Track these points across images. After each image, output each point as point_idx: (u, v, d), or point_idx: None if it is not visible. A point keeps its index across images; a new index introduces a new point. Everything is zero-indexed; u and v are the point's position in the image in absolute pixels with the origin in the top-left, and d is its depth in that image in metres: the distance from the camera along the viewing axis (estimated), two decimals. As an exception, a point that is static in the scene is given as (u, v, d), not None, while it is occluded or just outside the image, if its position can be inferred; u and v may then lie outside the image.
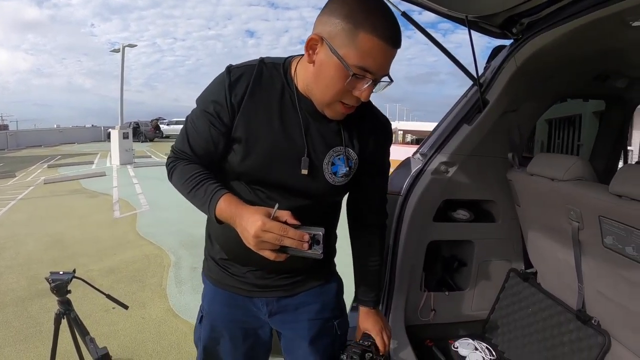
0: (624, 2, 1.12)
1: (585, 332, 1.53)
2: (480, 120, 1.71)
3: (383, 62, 0.84)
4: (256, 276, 1.06)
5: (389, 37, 0.82)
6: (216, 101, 0.93)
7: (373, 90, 0.88)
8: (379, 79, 0.87)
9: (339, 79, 0.84)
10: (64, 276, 1.77)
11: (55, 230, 5.51)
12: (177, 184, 1.00)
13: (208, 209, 0.91)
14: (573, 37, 1.38)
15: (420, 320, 1.93)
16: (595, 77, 1.92)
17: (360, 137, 1.00)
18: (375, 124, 1.04)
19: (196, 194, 0.93)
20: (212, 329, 1.11)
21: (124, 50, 15.71)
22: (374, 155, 1.04)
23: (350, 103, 0.89)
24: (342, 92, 0.87)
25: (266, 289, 1.07)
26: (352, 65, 0.82)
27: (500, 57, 1.69)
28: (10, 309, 3.16)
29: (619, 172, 1.28)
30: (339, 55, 0.82)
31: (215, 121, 0.94)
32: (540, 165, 1.63)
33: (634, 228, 1.22)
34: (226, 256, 1.07)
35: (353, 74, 0.83)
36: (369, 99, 0.89)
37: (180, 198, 1.02)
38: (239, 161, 0.94)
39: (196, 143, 0.98)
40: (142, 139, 26.34)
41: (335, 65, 0.84)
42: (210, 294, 1.13)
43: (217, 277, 1.10)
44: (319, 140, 0.96)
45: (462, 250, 2.03)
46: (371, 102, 1.01)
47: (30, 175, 11.46)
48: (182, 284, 3.67)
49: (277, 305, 1.09)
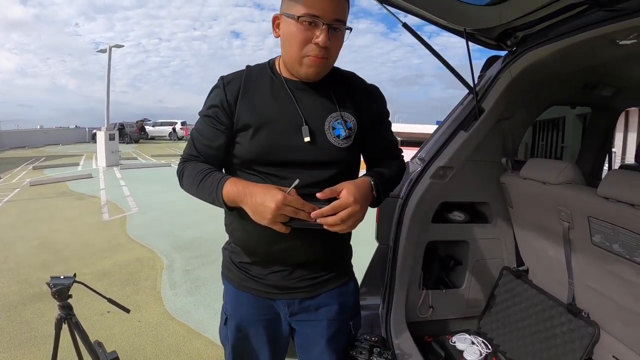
0: (613, 25, 1.22)
1: (576, 324, 1.64)
2: (476, 127, 1.81)
3: (325, 6, 0.93)
4: (279, 277, 1.10)
5: None
6: (214, 105, 1.05)
7: (330, 37, 0.95)
8: (331, 22, 0.95)
9: (296, 33, 0.95)
10: (65, 280, 1.75)
11: (44, 233, 5.42)
12: (186, 183, 1.08)
13: (215, 195, 0.98)
14: (565, 54, 1.49)
15: (419, 317, 2.02)
16: (583, 87, 2.05)
17: (353, 102, 1.09)
18: (364, 89, 1.13)
19: (204, 185, 1.01)
20: (237, 329, 1.16)
21: (111, 51, 15.51)
22: (370, 114, 1.11)
23: (314, 53, 0.96)
24: (303, 43, 0.96)
25: (288, 291, 1.11)
26: (300, 15, 0.93)
27: (496, 68, 1.79)
28: (3, 314, 3.09)
29: (606, 177, 1.40)
30: (287, 14, 0.96)
31: (216, 122, 1.04)
32: (532, 170, 1.73)
33: (620, 227, 1.34)
34: (248, 259, 1.12)
35: (299, 18, 0.93)
36: (327, 45, 0.95)
37: (168, 200, 1.09)
38: (247, 146, 1.03)
39: (201, 144, 1.08)
40: (127, 140, 25.95)
41: (289, 23, 0.96)
42: (233, 296, 1.17)
43: (239, 280, 1.15)
44: (314, 109, 1.04)
45: (457, 250, 2.13)
46: (357, 75, 1.14)
47: (15, 177, 11.21)
48: (177, 286, 3.67)
49: (299, 307, 1.14)
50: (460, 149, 1.84)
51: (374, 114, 1.12)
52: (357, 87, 1.12)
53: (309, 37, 0.95)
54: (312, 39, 0.95)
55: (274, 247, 1.05)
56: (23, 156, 17.38)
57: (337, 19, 0.95)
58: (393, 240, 1.83)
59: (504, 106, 1.84)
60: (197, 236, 5.22)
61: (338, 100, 1.06)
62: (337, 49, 1.01)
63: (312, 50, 0.96)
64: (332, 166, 1.04)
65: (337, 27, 0.96)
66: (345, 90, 1.09)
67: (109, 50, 15.45)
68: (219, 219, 1.23)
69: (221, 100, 1.03)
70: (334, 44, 0.97)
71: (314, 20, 0.93)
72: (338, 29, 0.97)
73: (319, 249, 1.08)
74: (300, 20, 0.94)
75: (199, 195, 1.05)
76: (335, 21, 0.95)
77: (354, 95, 1.10)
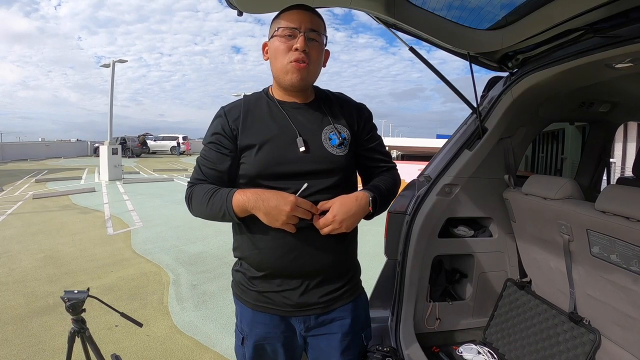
0: (609, 51, 1.32)
1: (578, 331, 1.72)
2: (480, 146, 1.90)
3: (300, 18, 1.10)
4: (295, 295, 1.15)
5: (298, 7, 1.12)
6: (216, 132, 1.15)
7: (308, 45, 1.10)
8: (306, 31, 1.10)
9: (278, 45, 1.11)
10: (79, 295, 1.77)
11: (48, 246, 5.47)
12: (195, 204, 1.16)
13: (226, 206, 1.08)
14: (563, 76, 1.59)
15: (427, 328, 2.08)
16: (581, 105, 2.14)
17: (344, 115, 1.21)
18: (353, 105, 1.26)
19: (214, 200, 1.10)
20: (255, 348, 1.21)
21: (114, 66, 15.69)
22: (360, 126, 1.23)
23: (294, 57, 1.09)
24: (285, 51, 1.10)
25: (304, 307, 1.17)
26: (279, 27, 1.11)
27: (498, 89, 1.89)
28: (10, 327, 3.12)
29: (603, 192, 1.49)
30: (271, 35, 1.14)
31: (220, 147, 1.15)
32: (534, 186, 1.82)
33: (617, 239, 1.43)
34: (263, 277, 1.17)
35: (279, 29, 1.10)
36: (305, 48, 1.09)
37: (172, 215, 1.16)
38: (252, 163, 1.12)
39: (207, 168, 1.17)
40: (129, 154, 26.09)
41: (273, 41, 1.13)
42: (250, 317, 1.20)
43: (254, 301, 1.19)
44: (309, 124, 1.16)
45: (463, 263, 2.20)
46: (345, 94, 1.28)
47: (18, 190, 11.29)
48: (184, 301, 3.70)
49: (315, 322, 1.20)
50: (464, 167, 1.93)
51: (363, 126, 1.24)
52: (346, 104, 1.25)
53: (290, 46, 1.10)
54: (292, 47, 1.09)
55: (287, 259, 1.12)
56: (25, 169, 17.47)
57: (312, 29, 1.11)
58: (401, 255, 1.90)
59: (506, 125, 1.93)
60: (203, 251, 5.25)
61: (330, 115, 1.19)
62: (317, 55, 1.13)
63: (294, 55, 1.09)
64: (333, 174, 1.14)
65: (313, 37, 1.11)
66: (336, 107, 1.22)
67: (112, 65, 15.62)
68: (224, 234, 1.29)
69: (223, 126, 1.14)
70: (312, 51, 1.11)
71: (292, 32, 1.10)
72: (314, 39, 1.11)
73: (329, 257, 1.15)
74: (280, 31, 1.10)
75: (210, 211, 1.12)
76: (311, 31, 1.10)
77: (344, 110, 1.22)
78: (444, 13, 1.68)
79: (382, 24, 1.68)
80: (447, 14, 1.68)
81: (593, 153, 2.64)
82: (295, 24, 1.09)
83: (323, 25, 1.15)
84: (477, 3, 1.59)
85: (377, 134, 1.30)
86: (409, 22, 1.63)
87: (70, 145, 31.19)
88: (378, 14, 1.59)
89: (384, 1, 1.56)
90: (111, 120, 15.41)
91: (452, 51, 1.77)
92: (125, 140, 26.68)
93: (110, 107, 15.56)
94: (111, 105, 15.57)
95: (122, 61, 16.42)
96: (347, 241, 1.20)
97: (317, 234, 1.10)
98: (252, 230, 1.14)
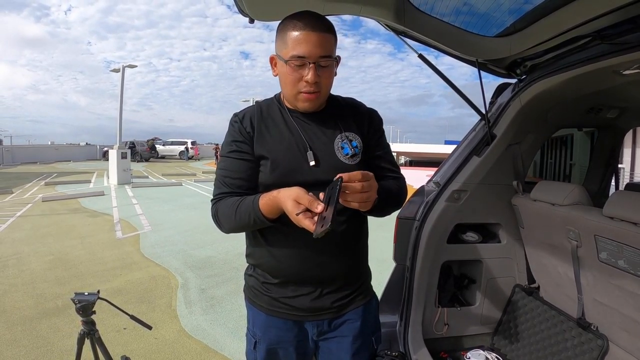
0: (617, 58, 1.32)
1: (586, 337, 1.72)
2: (489, 152, 1.92)
3: (310, 46, 1.02)
4: (308, 299, 1.16)
5: (307, 25, 1.03)
6: (235, 139, 1.14)
7: (319, 73, 1.04)
8: (317, 60, 1.03)
9: (288, 73, 1.06)
10: (90, 297, 1.79)
11: (57, 249, 5.53)
12: (223, 220, 1.14)
13: (254, 212, 1.05)
14: (572, 83, 1.60)
15: (435, 333, 2.08)
16: (589, 110, 2.14)
17: (356, 123, 1.19)
18: (364, 111, 1.24)
19: (240, 210, 1.08)
20: (268, 352, 1.21)
21: (124, 71, 15.89)
22: (371, 133, 1.22)
23: (305, 89, 1.06)
24: (295, 82, 1.06)
25: (318, 312, 1.17)
26: (288, 59, 1.04)
27: (506, 96, 1.90)
28: (19, 327, 3.16)
29: (611, 198, 1.50)
30: (279, 56, 1.07)
31: (241, 153, 1.13)
32: (542, 192, 1.82)
33: (624, 244, 1.44)
34: (278, 282, 1.17)
35: (287, 61, 1.04)
36: (316, 80, 1.04)
37: (181, 219, 1.15)
38: (268, 174, 1.12)
39: (231, 179, 1.14)
40: (137, 158, 26.32)
41: (281, 65, 1.07)
42: (263, 321, 1.21)
43: (268, 305, 1.20)
44: (322, 134, 1.14)
45: (471, 269, 2.20)
46: (356, 100, 1.26)
47: (27, 192, 11.43)
48: (192, 305, 3.72)
49: (328, 327, 1.21)
50: (473, 173, 1.94)
51: (373, 132, 1.23)
52: (358, 110, 1.23)
53: (299, 77, 1.05)
54: (302, 77, 1.05)
55: (304, 268, 1.13)
56: (34, 172, 17.68)
57: (322, 55, 1.04)
58: (410, 261, 1.91)
59: (514, 132, 1.94)
60: (211, 255, 5.27)
61: (342, 124, 1.17)
62: (328, 81, 1.10)
63: (304, 87, 1.06)
64: None
65: (324, 64, 1.05)
66: (348, 114, 1.20)
67: (122, 70, 15.81)
68: (232, 239, 1.30)
69: (240, 131, 1.13)
70: (323, 78, 1.07)
71: (301, 62, 1.03)
72: (325, 65, 1.06)
73: (343, 264, 1.17)
74: (289, 63, 1.04)
75: (239, 222, 1.10)
76: (321, 58, 1.04)
77: (356, 118, 1.21)
78: (452, 19, 1.69)
79: (391, 32, 1.70)
80: (455, 20, 1.70)
81: (601, 159, 2.64)
82: (304, 52, 1.02)
83: (333, 39, 1.08)
84: (486, 10, 1.60)
85: (386, 142, 1.29)
86: (418, 30, 1.65)
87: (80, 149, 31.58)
88: (387, 22, 1.61)
89: (393, 9, 1.57)
90: (120, 125, 15.57)
91: (461, 58, 1.78)
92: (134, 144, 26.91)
93: (120, 111, 15.74)
94: (121, 110, 15.75)
95: (132, 66, 16.62)
96: (359, 246, 1.22)
97: (333, 242, 1.11)
98: (268, 239, 1.15)
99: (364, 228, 1.25)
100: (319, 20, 1.05)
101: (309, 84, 1.05)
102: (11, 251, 5.38)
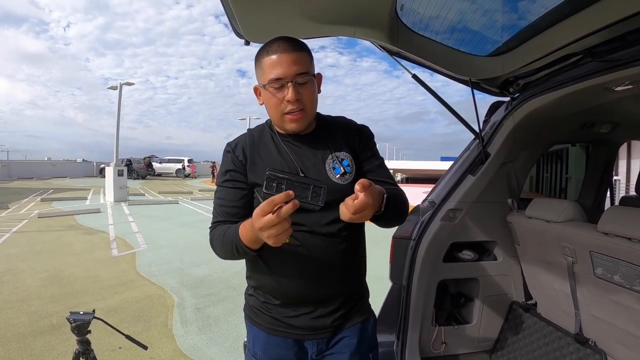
0: (608, 75, 1.35)
1: (584, 352, 1.71)
2: (483, 171, 1.94)
3: (284, 67, 1.05)
4: (308, 319, 1.17)
5: (279, 47, 1.06)
6: (229, 169, 1.17)
7: (299, 90, 1.06)
8: (294, 79, 1.05)
9: (269, 98, 1.09)
10: (85, 316, 1.77)
11: (53, 265, 5.47)
12: (217, 248, 1.14)
13: (238, 242, 1.03)
14: (564, 100, 1.63)
15: (433, 352, 2.06)
16: (582, 126, 2.17)
17: (346, 142, 1.20)
18: (354, 128, 1.25)
19: (227, 241, 1.07)
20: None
21: (122, 88, 16.01)
22: (363, 150, 1.22)
23: (289, 109, 1.08)
24: (278, 104, 1.08)
25: (318, 331, 1.18)
26: (266, 83, 1.07)
27: (500, 114, 1.93)
28: (13, 345, 3.12)
29: (605, 214, 1.51)
30: (259, 84, 1.11)
31: (235, 182, 1.15)
32: (536, 209, 1.84)
33: (619, 260, 1.45)
34: (279, 303, 1.19)
35: (265, 86, 1.07)
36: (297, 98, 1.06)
37: (177, 238, 1.15)
38: (262, 199, 1.09)
39: (226, 207, 1.16)
40: (134, 176, 26.27)
41: (263, 91, 1.10)
42: (263, 340, 1.21)
43: (269, 325, 1.21)
44: (313, 156, 1.15)
45: (468, 287, 2.19)
46: (346, 117, 1.27)
47: (23, 208, 11.38)
48: (188, 324, 3.67)
49: (327, 345, 1.21)
50: (468, 192, 1.95)
51: (364, 145, 1.24)
52: (348, 128, 1.25)
53: (280, 98, 1.07)
54: (283, 98, 1.07)
55: (306, 289, 1.14)
56: (31, 187, 17.61)
57: (299, 73, 1.06)
58: (406, 280, 1.91)
59: (508, 150, 1.96)
60: (207, 274, 5.24)
61: (332, 144, 1.18)
62: (310, 97, 1.10)
63: (287, 108, 1.08)
64: (337, 203, 1.06)
65: (301, 81, 1.07)
66: (338, 133, 1.21)
67: (119, 88, 15.93)
68: None
69: (233, 161, 1.16)
70: (305, 95, 1.08)
71: (279, 84, 1.06)
72: (304, 82, 1.07)
73: (344, 284, 1.18)
74: (267, 87, 1.07)
75: (227, 250, 1.09)
76: (298, 76, 1.06)
77: (346, 135, 1.22)
78: (445, 39, 1.73)
79: (385, 52, 1.74)
80: (448, 40, 1.73)
81: (596, 173, 2.67)
82: (280, 74, 1.05)
83: (309, 58, 1.10)
84: (478, 29, 1.64)
85: (379, 155, 1.30)
86: (412, 50, 1.68)
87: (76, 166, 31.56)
88: (381, 43, 1.64)
89: (386, 30, 1.60)
90: (117, 142, 15.60)
91: (454, 77, 1.82)
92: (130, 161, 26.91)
93: (117, 128, 15.78)
94: (118, 127, 15.80)
95: (129, 84, 16.76)
96: (358, 265, 1.24)
97: (335, 263, 1.13)
98: (267, 260, 1.16)
99: (361, 247, 1.26)
100: (290, 41, 1.08)
101: (291, 103, 1.07)
102: (6, 267, 5.33)
